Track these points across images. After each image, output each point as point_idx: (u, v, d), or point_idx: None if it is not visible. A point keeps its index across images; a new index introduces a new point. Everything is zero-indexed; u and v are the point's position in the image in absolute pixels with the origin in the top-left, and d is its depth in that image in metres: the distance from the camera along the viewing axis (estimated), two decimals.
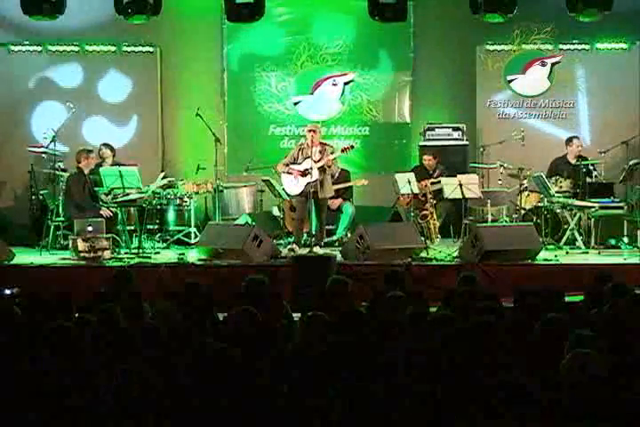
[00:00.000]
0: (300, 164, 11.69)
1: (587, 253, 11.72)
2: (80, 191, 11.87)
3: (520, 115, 14.30)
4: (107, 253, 11.15)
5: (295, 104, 14.31)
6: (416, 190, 12.13)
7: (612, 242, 12.05)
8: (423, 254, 11.24)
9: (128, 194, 12.18)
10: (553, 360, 5.15)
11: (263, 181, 13.01)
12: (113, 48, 14.00)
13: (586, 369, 4.50)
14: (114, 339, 5.51)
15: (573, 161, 13.08)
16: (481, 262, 10.75)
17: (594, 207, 12.05)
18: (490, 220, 12.49)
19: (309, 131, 11.83)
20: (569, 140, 13.28)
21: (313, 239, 11.78)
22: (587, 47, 14.20)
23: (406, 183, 11.99)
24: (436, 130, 13.78)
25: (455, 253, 11.28)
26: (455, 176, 12.22)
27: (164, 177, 12.79)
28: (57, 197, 12.35)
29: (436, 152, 13.21)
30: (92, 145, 13.17)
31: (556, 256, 11.24)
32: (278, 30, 14.22)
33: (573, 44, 14.19)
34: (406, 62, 14.31)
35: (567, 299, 7.94)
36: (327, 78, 14.30)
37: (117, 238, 11.77)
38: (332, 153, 11.71)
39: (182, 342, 5.87)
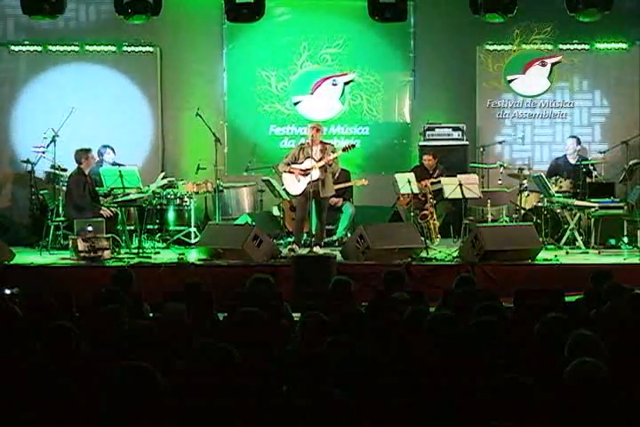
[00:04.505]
0: (301, 163, 11.67)
1: (587, 253, 11.72)
2: (80, 191, 11.86)
3: (520, 115, 14.30)
4: (107, 253, 11.14)
5: (295, 104, 14.31)
6: (416, 190, 12.13)
7: (612, 242, 12.05)
8: (423, 254, 11.24)
9: (128, 194, 12.18)
10: (553, 360, 5.15)
11: (263, 181, 13.01)
12: (113, 48, 14.01)
13: (590, 378, 4.51)
14: (114, 339, 5.50)
15: (573, 161, 13.09)
16: (481, 262, 10.75)
17: (594, 207, 12.04)
18: (490, 220, 12.48)
19: (312, 128, 11.77)
20: (568, 140, 13.29)
21: (313, 239, 11.77)
22: (587, 47, 14.20)
23: (406, 183, 12.00)
24: (436, 130, 13.78)
25: (455, 253, 11.28)
26: (455, 176, 12.22)
27: (163, 177, 12.80)
28: (57, 197, 12.35)
29: (436, 152, 13.21)
30: (92, 145, 13.15)
31: (555, 256, 11.24)
32: (278, 30, 14.22)
33: (573, 44, 14.20)
34: (406, 62, 14.31)
35: (567, 299, 7.95)
36: (327, 78, 14.30)
37: (117, 238, 11.77)
38: (333, 152, 11.68)
39: (182, 341, 5.87)
